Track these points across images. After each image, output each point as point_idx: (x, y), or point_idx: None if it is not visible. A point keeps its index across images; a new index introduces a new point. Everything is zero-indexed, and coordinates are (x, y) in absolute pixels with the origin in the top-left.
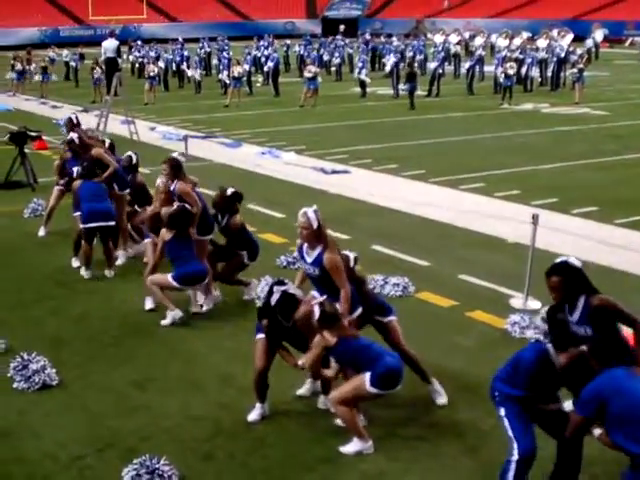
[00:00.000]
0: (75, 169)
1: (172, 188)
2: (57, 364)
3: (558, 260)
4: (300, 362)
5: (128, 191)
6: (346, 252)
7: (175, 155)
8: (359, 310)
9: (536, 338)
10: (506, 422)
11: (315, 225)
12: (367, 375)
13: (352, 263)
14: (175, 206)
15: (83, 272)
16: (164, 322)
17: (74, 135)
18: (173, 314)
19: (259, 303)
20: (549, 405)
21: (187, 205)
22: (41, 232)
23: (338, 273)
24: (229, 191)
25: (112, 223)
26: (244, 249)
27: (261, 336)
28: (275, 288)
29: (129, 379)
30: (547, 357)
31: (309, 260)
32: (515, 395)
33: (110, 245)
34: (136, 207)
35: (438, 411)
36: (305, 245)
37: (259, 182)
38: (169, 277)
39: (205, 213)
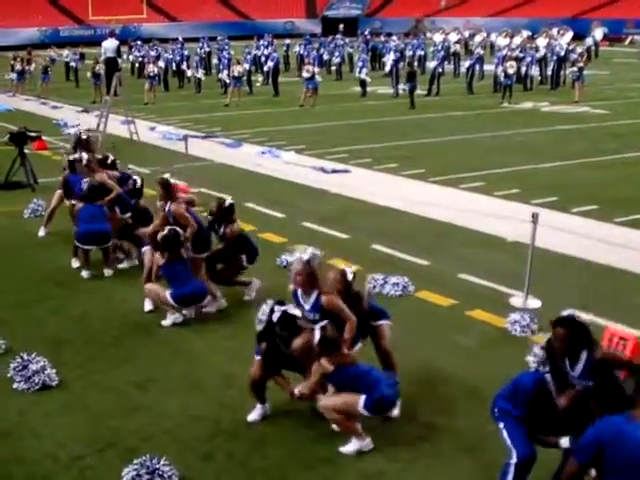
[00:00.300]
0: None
1: (167, 209)
2: (57, 364)
3: (565, 313)
4: (297, 391)
5: (129, 215)
6: (344, 267)
7: (166, 176)
8: (358, 345)
9: (534, 367)
10: (505, 433)
11: (309, 271)
12: (362, 397)
13: (350, 277)
14: (166, 230)
15: (83, 272)
16: (164, 322)
17: (84, 156)
18: (174, 317)
19: (259, 327)
20: (548, 437)
21: (177, 227)
22: (41, 232)
23: (340, 310)
24: (227, 202)
25: (108, 244)
26: (243, 253)
27: (259, 358)
28: (276, 308)
29: (129, 379)
30: (545, 387)
31: (307, 307)
32: (515, 415)
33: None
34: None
35: (437, 411)
36: (299, 291)
37: (259, 182)
38: (168, 295)
39: (200, 231)
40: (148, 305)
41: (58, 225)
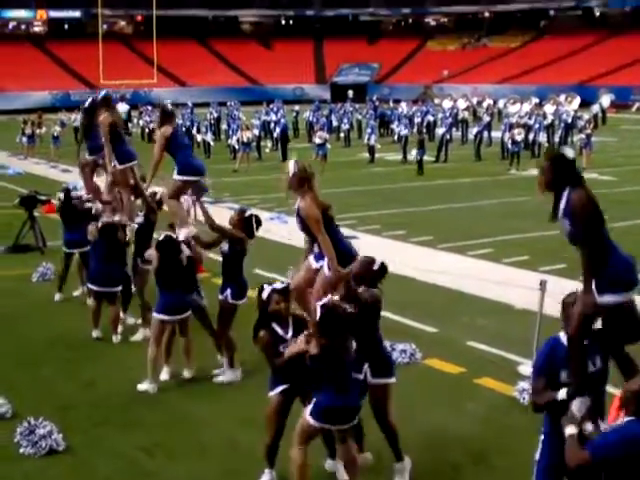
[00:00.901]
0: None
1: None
2: (64, 429)
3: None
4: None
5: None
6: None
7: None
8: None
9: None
10: None
11: (291, 172)
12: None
13: (376, 267)
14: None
15: (93, 332)
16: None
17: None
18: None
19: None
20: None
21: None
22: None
23: (310, 221)
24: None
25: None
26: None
27: (276, 392)
28: (265, 287)
29: (137, 445)
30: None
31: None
32: None
33: (117, 309)
34: None
35: (445, 478)
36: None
37: (267, 247)
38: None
39: None
40: (164, 374)
41: (68, 290)
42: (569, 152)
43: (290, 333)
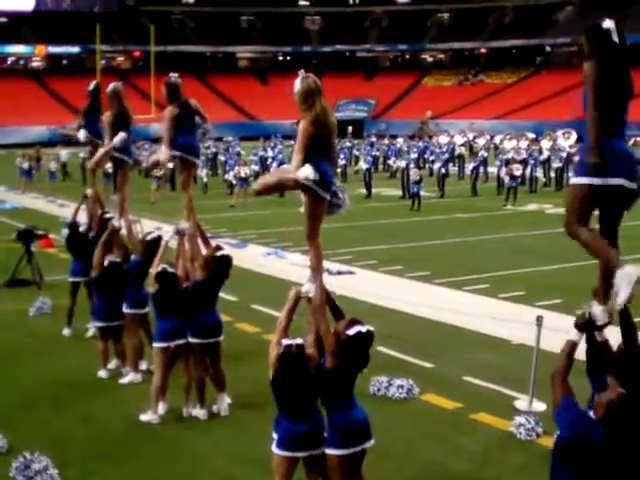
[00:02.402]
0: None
1: None
2: (59, 464)
3: None
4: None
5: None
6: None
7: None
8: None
9: None
10: None
11: (296, 89)
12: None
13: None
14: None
15: (100, 372)
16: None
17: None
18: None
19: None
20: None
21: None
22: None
23: (299, 136)
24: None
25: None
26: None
27: (279, 452)
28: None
29: None
30: None
31: None
32: None
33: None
34: None
35: None
36: None
37: (263, 282)
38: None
39: None
40: (162, 408)
41: (64, 324)
42: (606, 22)
43: None
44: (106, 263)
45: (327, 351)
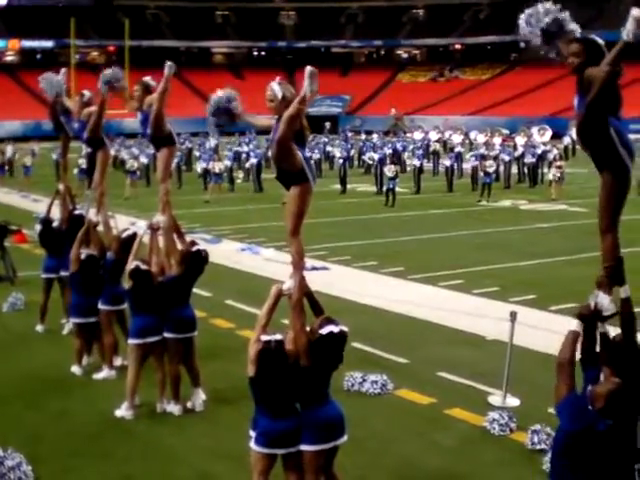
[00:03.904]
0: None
1: None
2: (33, 461)
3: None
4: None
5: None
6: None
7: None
8: None
9: None
10: None
11: (280, 95)
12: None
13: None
14: None
15: (74, 368)
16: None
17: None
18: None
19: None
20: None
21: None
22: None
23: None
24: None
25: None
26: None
27: (258, 449)
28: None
29: (107, 476)
30: None
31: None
32: None
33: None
34: None
35: None
36: None
37: (238, 278)
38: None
39: None
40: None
41: (38, 320)
42: (598, 39)
43: None
44: (83, 257)
45: (299, 350)
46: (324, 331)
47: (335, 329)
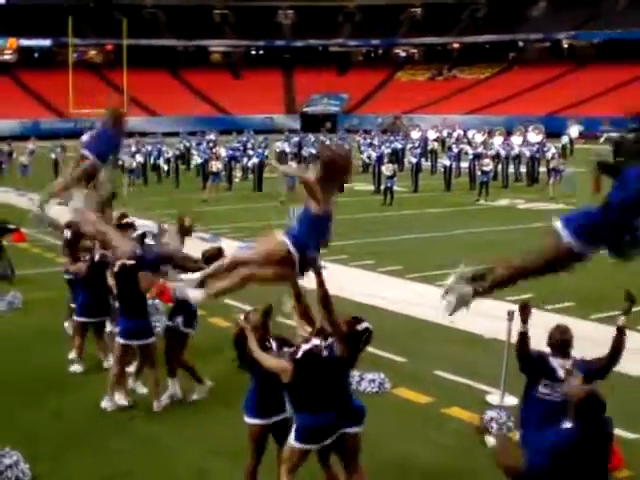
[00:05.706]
0: None
1: None
2: (30, 459)
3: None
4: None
5: None
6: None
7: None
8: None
9: None
10: None
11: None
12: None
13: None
14: None
15: (75, 366)
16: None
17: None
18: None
19: None
20: None
21: None
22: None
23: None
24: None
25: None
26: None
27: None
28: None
29: (104, 474)
30: None
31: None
32: None
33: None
34: None
35: None
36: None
37: None
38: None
39: None
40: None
41: (37, 320)
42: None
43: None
44: (97, 258)
45: (339, 341)
46: (360, 327)
47: (370, 326)
